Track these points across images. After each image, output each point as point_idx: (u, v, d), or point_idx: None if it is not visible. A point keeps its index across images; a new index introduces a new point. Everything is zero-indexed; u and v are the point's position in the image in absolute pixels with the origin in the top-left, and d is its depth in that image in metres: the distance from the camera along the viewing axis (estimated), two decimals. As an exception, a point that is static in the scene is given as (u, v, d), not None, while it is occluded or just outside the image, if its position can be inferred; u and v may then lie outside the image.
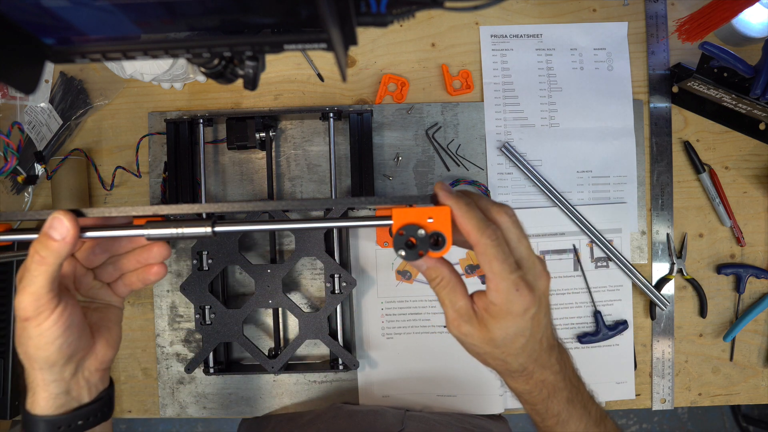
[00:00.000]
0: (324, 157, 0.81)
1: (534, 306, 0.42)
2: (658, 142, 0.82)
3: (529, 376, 0.46)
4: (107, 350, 0.46)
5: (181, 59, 0.64)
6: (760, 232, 0.83)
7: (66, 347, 0.42)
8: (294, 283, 0.82)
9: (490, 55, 0.82)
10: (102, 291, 0.48)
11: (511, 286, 0.41)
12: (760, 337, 0.83)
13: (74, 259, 0.46)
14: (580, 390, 0.48)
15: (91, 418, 0.46)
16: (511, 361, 0.44)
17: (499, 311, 0.42)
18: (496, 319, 0.42)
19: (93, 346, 0.46)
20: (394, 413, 0.77)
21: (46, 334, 0.41)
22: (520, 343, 0.43)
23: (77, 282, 0.47)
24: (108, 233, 0.45)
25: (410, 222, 0.45)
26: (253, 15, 0.36)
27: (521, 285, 0.42)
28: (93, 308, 0.47)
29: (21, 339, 0.42)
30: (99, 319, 0.47)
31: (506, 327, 0.42)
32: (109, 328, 0.47)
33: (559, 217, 0.81)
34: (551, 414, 0.47)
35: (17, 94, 0.79)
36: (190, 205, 0.52)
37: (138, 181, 0.81)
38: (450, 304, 0.44)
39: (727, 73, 0.74)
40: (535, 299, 0.42)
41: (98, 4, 0.33)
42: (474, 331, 0.43)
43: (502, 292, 0.42)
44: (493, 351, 0.44)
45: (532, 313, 0.42)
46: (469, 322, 0.43)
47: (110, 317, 0.48)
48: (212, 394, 0.81)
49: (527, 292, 0.42)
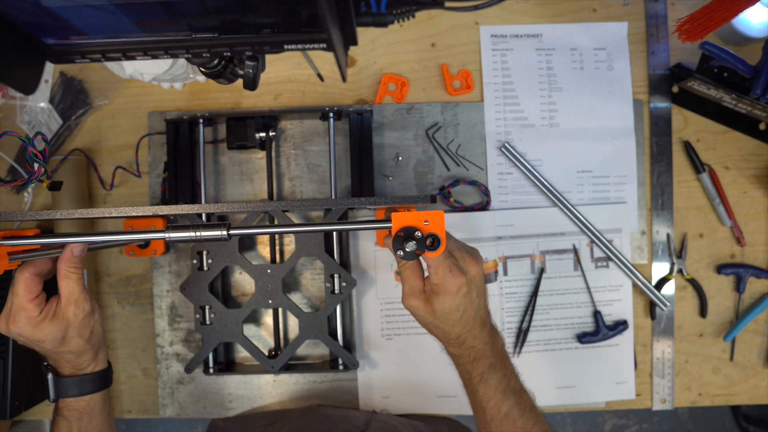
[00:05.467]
0: (324, 157, 0.81)
1: (465, 286, 0.55)
2: (658, 142, 0.82)
3: (462, 343, 0.58)
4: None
5: (181, 59, 0.64)
6: (760, 232, 0.83)
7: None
8: (294, 283, 0.82)
9: (490, 55, 0.82)
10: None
11: (446, 269, 0.54)
12: (760, 337, 0.83)
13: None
14: (505, 363, 0.60)
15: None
16: (449, 330, 0.57)
17: (439, 289, 0.55)
18: (437, 296, 0.55)
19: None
20: (361, 415, 0.77)
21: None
22: (455, 316, 0.56)
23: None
24: (132, 236, 0.51)
25: (408, 224, 0.51)
26: (253, 15, 0.36)
27: (454, 268, 0.55)
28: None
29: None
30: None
31: (444, 302, 0.55)
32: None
33: (559, 217, 0.81)
34: (476, 373, 0.58)
35: (17, 94, 0.79)
36: (189, 205, 0.53)
37: (138, 181, 0.81)
38: (408, 282, 0.57)
39: (727, 73, 0.74)
40: (467, 281, 0.55)
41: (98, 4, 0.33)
42: (421, 305, 0.56)
43: (440, 275, 0.54)
44: (435, 321, 0.57)
45: (464, 291, 0.55)
46: (418, 298, 0.56)
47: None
48: (212, 394, 0.81)
49: (459, 273, 0.55)
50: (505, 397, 0.58)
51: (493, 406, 0.58)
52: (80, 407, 0.59)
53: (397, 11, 0.39)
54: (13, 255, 0.54)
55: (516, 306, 0.81)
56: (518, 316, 0.81)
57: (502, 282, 0.81)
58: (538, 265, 0.81)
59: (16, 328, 0.55)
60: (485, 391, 0.59)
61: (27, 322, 0.55)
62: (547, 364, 0.81)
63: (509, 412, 0.58)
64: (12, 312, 0.55)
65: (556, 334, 0.81)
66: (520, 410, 0.59)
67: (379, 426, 0.74)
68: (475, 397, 0.60)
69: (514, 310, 0.81)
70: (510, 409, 0.59)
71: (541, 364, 0.81)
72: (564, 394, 0.81)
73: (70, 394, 0.59)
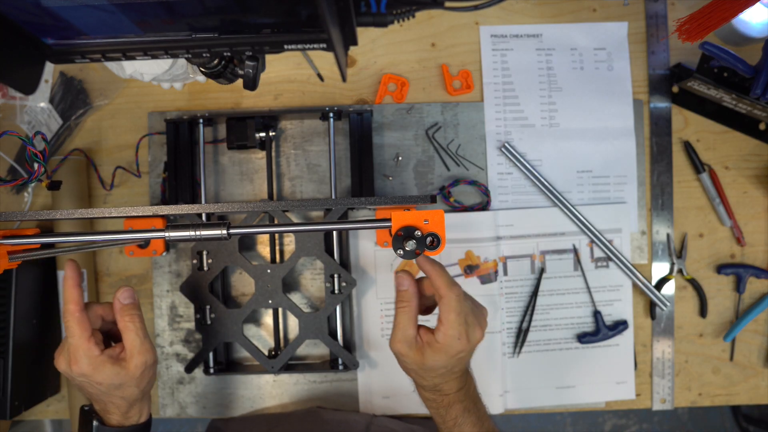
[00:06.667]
0: (324, 157, 0.81)
1: (464, 352, 0.55)
2: (658, 142, 0.82)
3: (438, 390, 0.58)
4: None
5: (181, 59, 0.64)
6: (760, 232, 0.83)
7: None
8: (294, 283, 0.82)
9: (490, 55, 0.82)
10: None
11: (456, 335, 0.54)
12: (760, 337, 0.83)
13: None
14: (477, 406, 0.61)
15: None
16: (429, 379, 0.57)
17: (439, 348, 0.55)
18: (434, 352, 0.55)
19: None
20: (360, 419, 0.77)
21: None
22: (440, 372, 0.56)
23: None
24: (132, 236, 0.51)
25: (408, 224, 0.50)
26: (253, 15, 0.36)
27: (463, 336, 0.55)
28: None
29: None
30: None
31: (438, 360, 0.55)
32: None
33: (559, 217, 0.81)
34: (450, 417, 0.59)
35: (17, 94, 0.79)
36: (189, 205, 0.53)
37: (138, 181, 0.81)
38: (402, 328, 0.56)
39: (727, 73, 0.74)
40: (469, 348, 0.55)
41: (98, 4, 0.33)
42: (412, 354, 0.56)
43: (449, 337, 0.54)
44: (419, 371, 0.57)
45: (461, 356, 0.55)
46: (410, 347, 0.56)
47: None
48: (212, 394, 0.81)
49: (465, 341, 0.55)
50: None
51: None
52: None
53: (397, 11, 0.39)
54: (13, 254, 0.54)
55: (516, 306, 0.81)
56: (518, 316, 0.81)
57: (502, 282, 0.81)
58: (538, 265, 0.81)
59: (78, 368, 0.54)
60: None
61: (89, 363, 0.54)
62: (547, 364, 0.81)
63: None
64: (71, 351, 0.54)
65: (556, 334, 0.81)
66: None
67: (379, 430, 0.74)
68: None
69: (514, 310, 0.81)
70: None
71: (541, 364, 0.81)
72: (564, 394, 0.81)
73: None
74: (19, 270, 0.71)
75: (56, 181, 0.67)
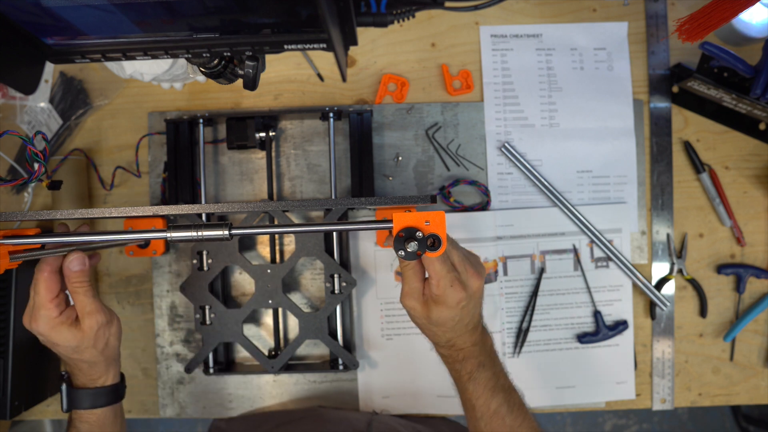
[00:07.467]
0: (324, 157, 0.81)
1: (465, 300, 0.55)
2: (658, 142, 0.82)
3: (452, 345, 0.59)
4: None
5: (181, 59, 0.64)
6: (760, 232, 0.83)
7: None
8: (294, 283, 0.82)
9: (490, 55, 0.82)
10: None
11: (447, 283, 0.54)
12: (760, 337, 0.83)
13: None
14: (494, 362, 0.61)
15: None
16: (441, 335, 0.58)
17: (438, 300, 0.55)
18: (436, 305, 0.56)
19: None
20: (361, 417, 0.77)
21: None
22: (449, 325, 0.57)
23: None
24: (133, 236, 0.51)
25: (409, 225, 0.51)
26: (253, 15, 0.36)
27: (455, 283, 0.55)
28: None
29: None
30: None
31: (441, 312, 0.55)
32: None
33: (559, 217, 0.81)
34: (465, 372, 0.59)
35: (17, 94, 0.79)
36: (190, 205, 0.53)
37: (138, 181, 0.81)
38: (409, 282, 0.57)
39: (727, 73, 0.74)
40: (467, 296, 0.55)
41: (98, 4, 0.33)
42: (418, 307, 0.57)
43: (441, 287, 0.55)
44: (428, 325, 0.58)
45: (462, 305, 0.55)
46: (417, 300, 0.57)
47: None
48: (212, 394, 0.81)
49: (460, 288, 0.55)
50: (494, 394, 0.59)
51: (483, 403, 0.59)
52: (92, 420, 0.60)
53: (397, 11, 0.39)
54: (14, 254, 0.54)
55: (516, 306, 0.81)
56: (518, 316, 0.81)
57: (502, 282, 0.81)
58: (538, 265, 0.81)
59: (37, 326, 0.55)
60: (474, 389, 0.59)
61: (46, 322, 0.55)
62: (547, 364, 0.81)
63: (498, 410, 0.59)
64: (34, 309, 0.56)
65: (556, 334, 0.81)
66: (509, 407, 0.59)
67: (380, 428, 0.74)
68: (465, 395, 0.61)
69: (514, 310, 0.81)
70: (499, 407, 0.59)
71: (541, 364, 0.81)
72: (564, 394, 0.81)
73: (82, 406, 0.60)
74: (20, 270, 0.71)
75: (56, 181, 0.67)
